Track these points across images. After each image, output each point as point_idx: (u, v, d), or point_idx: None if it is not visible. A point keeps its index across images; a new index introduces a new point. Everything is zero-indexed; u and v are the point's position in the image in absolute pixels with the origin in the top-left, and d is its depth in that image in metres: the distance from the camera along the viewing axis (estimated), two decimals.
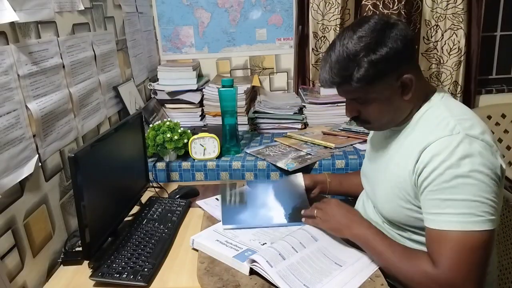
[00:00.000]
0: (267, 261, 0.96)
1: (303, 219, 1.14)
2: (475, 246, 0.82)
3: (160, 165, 1.62)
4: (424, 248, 0.97)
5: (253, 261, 0.98)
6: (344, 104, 1.02)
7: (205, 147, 1.62)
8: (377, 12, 2.09)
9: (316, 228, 1.11)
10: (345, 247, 1.06)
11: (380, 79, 0.90)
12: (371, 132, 1.23)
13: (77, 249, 1.15)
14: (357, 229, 1.00)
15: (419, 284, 0.87)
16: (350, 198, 1.36)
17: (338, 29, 2.08)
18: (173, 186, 1.53)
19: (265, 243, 1.09)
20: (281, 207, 1.28)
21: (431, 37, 2.12)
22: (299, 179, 1.32)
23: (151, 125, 1.65)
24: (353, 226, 1.01)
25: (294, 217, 1.22)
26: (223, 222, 1.19)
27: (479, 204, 0.82)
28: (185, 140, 1.60)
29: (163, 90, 2.01)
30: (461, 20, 2.04)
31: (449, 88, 2.16)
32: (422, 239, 0.97)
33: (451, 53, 2.11)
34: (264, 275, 0.96)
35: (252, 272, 0.99)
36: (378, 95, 0.93)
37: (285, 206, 1.28)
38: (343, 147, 1.66)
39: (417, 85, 0.93)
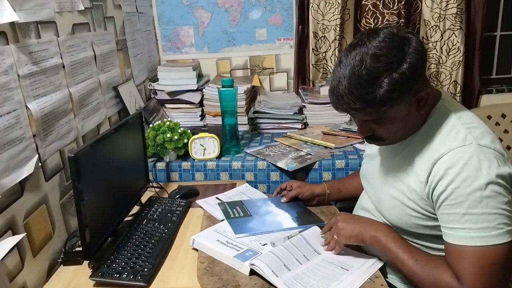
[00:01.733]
0: (272, 271, 0.96)
1: (324, 248, 1.06)
2: (497, 260, 0.81)
3: (160, 165, 1.62)
4: (428, 251, 0.97)
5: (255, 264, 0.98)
6: None
7: (205, 147, 1.62)
8: (377, 13, 2.09)
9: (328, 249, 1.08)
10: (349, 250, 1.06)
11: (402, 98, 0.85)
12: None
13: (77, 249, 1.15)
14: (375, 231, 0.98)
15: None
16: None
17: (338, 29, 2.08)
18: (173, 186, 1.53)
19: (266, 244, 1.08)
20: (286, 213, 1.28)
21: (431, 37, 2.12)
22: None
23: (151, 125, 1.65)
24: (370, 228, 0.99)
25: (302, 220, 1.23)
26: (235, 232, 1.16)
27: (497, 217, 0.81)
28: (185, 140, 1.60)
29: (163, 90, 2.01)
30: (460, 20, 2.04)
31: (448, 88, 2.16)
32: (426, 243, 0.97)
33: (450, 53, 2.11)
34: (263, 275, 0.96)
35: (252, 272, 0.99)
36: (397, 114, 0.88)
37: (289, 212, 1.28)
38: (343, 147, 1.66)
39: (430, 96, 0.91)
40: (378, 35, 0.85)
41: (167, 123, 1.61)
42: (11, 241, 0.86)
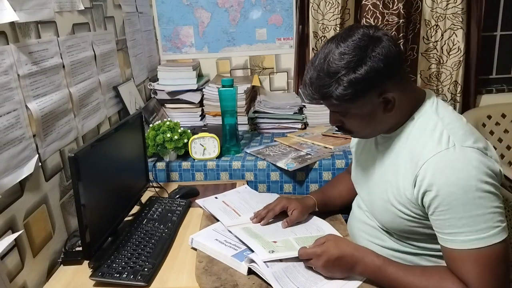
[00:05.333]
0: (264, 261, 0.96)
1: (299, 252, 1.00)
2: (499, 258, 0.82)
3: (160, 165, 1.62)
4: (424, 252, 0.98)
5: (252, 260, 0.98)
6: None
7: (205, 147, 1.62)
8: (377, 12, 2.09)
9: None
10: None
11: (360, 97, 0.88)
12: (354, 139, 1.21)
13: (77, 249, 1.15)
14: (362, 270, 0.94)
15: None
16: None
17: (338, 28, 2.08)
18: (173, 186, 1.54)
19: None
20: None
21: (431, 37, 2.12)
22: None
23: (151, 125, 1.65)
24: (356, 270, 0.94)
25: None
26: (226, 223, 1.18)
27: (492, 216, 0.81)
28: (185, 140, 1.60)
29: (163, 90, 2.01)
30: (461, 20, 2.04)
31: (448, 88, 2.16)
32: (421, 244, 0.98)
33: (450, 53, 2.11)
34: (261, 275, 0.96)
35: (250, 272, 0.99)
36: (359, 111, 0.91)
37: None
38: (342, 149, 1.66)
39: (402, 100, 0.91)
40: (353, 34, 0.88)
41: (167, 123, 1.61)
42: (9, 238, 0.86)
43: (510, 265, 0.84)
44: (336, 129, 1.02)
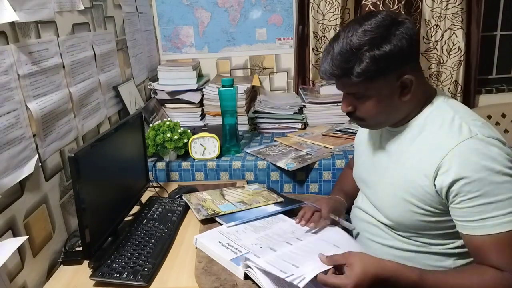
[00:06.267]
0: (255, 254, 0.97)
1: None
2: None
3: (160, 165, 1.62)
4: (426, 249, 0.97)
5: (248, 266, 0.96)
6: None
7: (205, 147, 1.62)
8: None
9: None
10: (341, 231, 1.10)
11: (381, 76, 0.88)
12: (359, 135, 1.20)
13: (77, 249, 1.15)
14: (399, 284, 0.87)
15: None
16: None
17: (338, 28, 2.08)
18: (173, 186, 1.54)
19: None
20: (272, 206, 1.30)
21: (431, 37, 2.12)
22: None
23: (151, 125, 1.65)
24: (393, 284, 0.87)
25: (284, 204, 1.29)
26: (226, 221, 1.20)
27: None
28: (185, 140, 1.60)
29: (163, 90, 2.01)
30: (461, 20, 2.04)
31: (449, 88, 2.16)
32: (428, 240, 0.97)
33: (451, 53, 2.11)
34: (255, 280, 0.94)
35: (247, 277, 0.97)
36: (376, 92, 0.91)
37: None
38: (342, 149, 1.66)
39: (417, 87, 0.92)
40: (376, 15, 0.89)
41: (167, 123, 1.61)
42: (13, 243, 0.86)
43: None
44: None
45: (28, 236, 0.99)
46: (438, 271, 0.92)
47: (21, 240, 0.87)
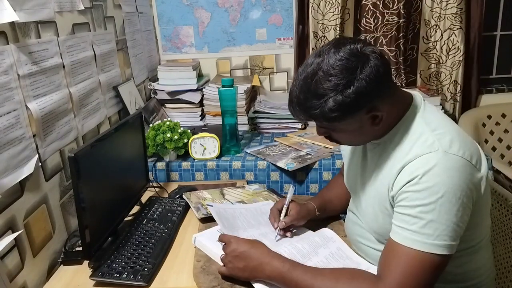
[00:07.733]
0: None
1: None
2: (429, 267, 0.81)
3: (160, 165, 1.62)
4: None
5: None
6: None
7: (205, 147, 1.62)
8: (377, 12, 2.09)
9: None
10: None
11: (348, 117, 0.86)
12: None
13: (77, 249, 1.15)
14: (271, 267, 0.92)
15: None
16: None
17: (338, 28, 2.08)
18: (173, 186, 1.54)
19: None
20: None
21: (431, 36, 2.12)
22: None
23: (151, 125, 1.65)
24: (267, 265, 0.93)
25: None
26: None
27: (445, 228, 0.80)
28: (185, 140, 1.60)
29: (163, 90, 2.01)
30: (460, 20, 2.04)
31: (448, 88, 2.16)
32: None
33: (450, 53, 2.11)
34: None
35: None
36: (347, 127, 0.90)
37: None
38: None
39: (390, 112, 0.89)
40: (339, 51, 0.84)
41: (167, 123, 1.61)
42: (9, 237, 0.86)
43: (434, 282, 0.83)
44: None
45: (23, 230, 0.99)
46: (312, 267, 0.94)
47: (16, 233, 0.87)
